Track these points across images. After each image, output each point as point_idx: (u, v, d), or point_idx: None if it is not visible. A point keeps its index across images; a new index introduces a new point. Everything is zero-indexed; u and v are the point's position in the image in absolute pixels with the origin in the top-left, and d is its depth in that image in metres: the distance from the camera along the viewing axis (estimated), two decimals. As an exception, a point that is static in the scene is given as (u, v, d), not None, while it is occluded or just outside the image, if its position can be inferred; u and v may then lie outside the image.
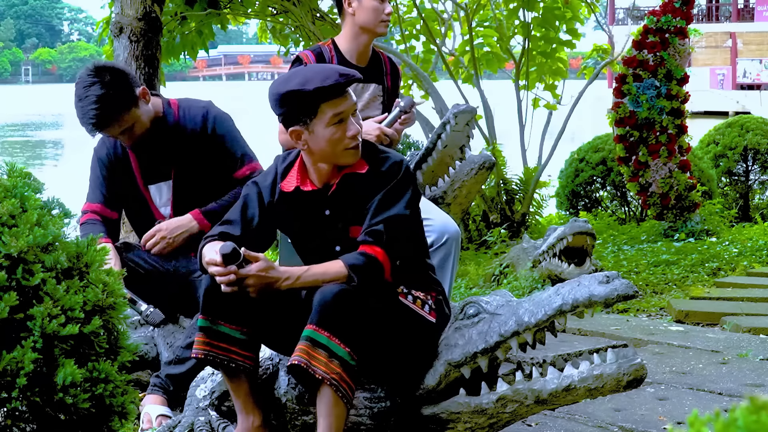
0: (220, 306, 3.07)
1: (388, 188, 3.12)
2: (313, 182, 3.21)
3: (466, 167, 4.94)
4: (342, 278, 3.01)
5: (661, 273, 7.46)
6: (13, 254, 2.40)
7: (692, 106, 10.11)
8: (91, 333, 2.47)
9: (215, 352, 3.10)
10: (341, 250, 3.18)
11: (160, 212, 4.16)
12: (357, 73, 3.13)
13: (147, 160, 4.11)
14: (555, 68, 10.65)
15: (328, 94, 3.06)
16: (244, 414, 3.20)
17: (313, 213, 3.21)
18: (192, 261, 4.13)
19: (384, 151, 3.22)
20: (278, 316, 3.14)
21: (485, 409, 3.06)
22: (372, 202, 3.11)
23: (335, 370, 2.91)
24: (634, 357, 2.91)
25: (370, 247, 3.05)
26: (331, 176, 3.19)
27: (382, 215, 3.08)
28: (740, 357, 4.83)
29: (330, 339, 2.91)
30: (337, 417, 2.95)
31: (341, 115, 3.08)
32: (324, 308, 2.93)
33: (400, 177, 3.14)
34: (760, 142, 11.00)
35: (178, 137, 4.07)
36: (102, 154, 4.17)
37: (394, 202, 3.11)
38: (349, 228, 3.18)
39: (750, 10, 43.08)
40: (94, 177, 4.18)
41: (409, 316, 3.13)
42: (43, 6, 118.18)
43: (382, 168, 3.15)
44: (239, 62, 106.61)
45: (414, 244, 3.23)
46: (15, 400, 2.36)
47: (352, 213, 3.18)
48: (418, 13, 10.43)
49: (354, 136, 3.10)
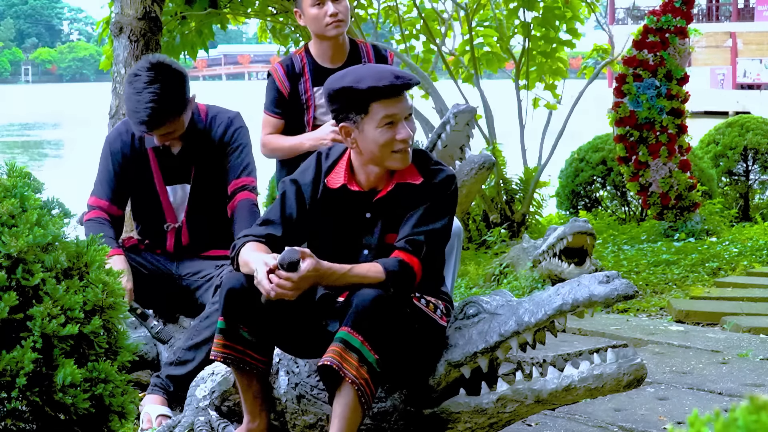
0: (241, 309, 3.05)
1: (436, 201, 3.09)
2: (360, 183, 3.17)
3: (466, 167, 4.94)
4: (379, 282, 2.98)
5: (661, 273, 7.46)
6: (13, 254, 2.40)
7: (692, 106, 10.10)
8: (91, 333, 2.46)
9: (233, 355, 3.08)
10: (369, 253, 3.15)
11: (174, 215, 4.13)
12: (415, 78, 3.11)
13: (168, 161, 4.08)
14: (555, 68, 10.65)
15: (380, 94, 3.02)
16: (250, 415, 3.20)
17: (352, 214, 3.17)
18: (195, 263, 4.12)
19: (437, 163, 3.19)
20: (293, 318, 3.11)
21: (485, 409, 3.06)
22: (416, 211, 3.08)
23: (364, 375, 2.90)
24: (634, 357, 2.91)
25: (408, 256, 3.03)
26: (381, 181, 3.16)
27: (426, 227, 3.06)
28: (740, 357, 4.83)
29: (363, 344, 2.90)
30: (353, 421, 2.94)
31: (392, 117, 3.04)
32: (361, 312, 2.91)
33: (450, 192, 3.12)
34: (760, 142, 11.00)
35: (203, 143, 4.06)
36: (116, 147, 4.10)
37: (439, 216, 3.09)
38: (386, 235, 3.15)
39: (750, 9, 43.08)
40: (104, 170, 4.11)
41: (423, 320, 3.13)
42: (43, 6, 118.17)
43: (435, 180, 3.13)
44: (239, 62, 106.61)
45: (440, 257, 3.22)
46: (15, 400, 2.36)
47: (394, 221, 3.14)
48: (418, 12, 10.43)
49: (404, 140, 3.06)
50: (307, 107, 4.30)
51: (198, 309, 4.03)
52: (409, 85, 3.06)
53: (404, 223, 3.09)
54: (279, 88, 4.31)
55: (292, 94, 4.31)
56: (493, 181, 9.77)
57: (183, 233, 4.13)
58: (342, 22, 4.21)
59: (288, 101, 4.31)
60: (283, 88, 4.30)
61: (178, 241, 4.14)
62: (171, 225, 4.12)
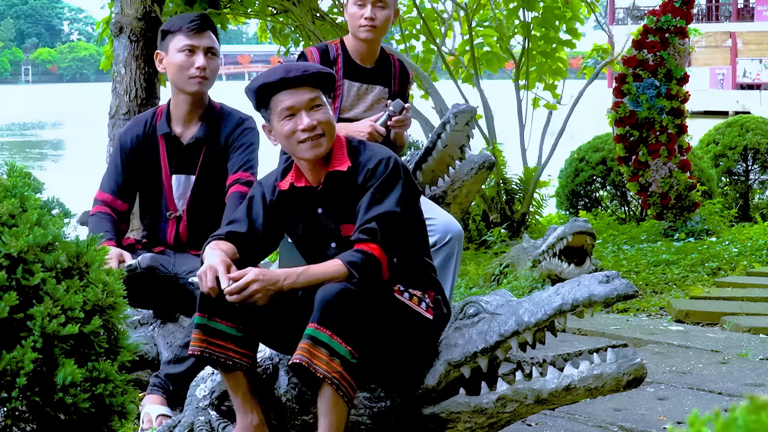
0: (217, 303, 3.08)
1: (376, 185, 3.13)
2: (308, 180, 3.25)
3: (466, 167, 4.94)
4: (341, 276, 3.01)
5: (661, 273, 7.46)
6: (13, 254, 2.40)
7: (692, 106, 10.11)
8: (91, 333, 2.47)
9: (211, 349, 3.10)
10: (336, 247, 3.20)
11: (175, 204, 4.17)
12: (311, 69, 3.17)
13: (177, 150, 4.13)
14: (555, 68, 10.65)
15: (274, 88, 3.15)
16: (243, 413, 3.20)
17: (307, 211, 3.25)
18: (190, 261, 4.13)
19: (371, 149, 3.24)
20: (275, 314, 3.13)
21: (485, 409, 3.06)
22: (362, 200, 3.13)
23: (336, 368, 2.91)
24: (634, 357, 2.91)
25: (366, 245, 3.06)
26: (320, 174, 3.23)
27: (373, 212, 3.09)
28: (740, 357, 4.84)
29: (332, 338, 2.91)
30: (337, 416, 2.94)
31: (291, 109, 3.14)
32: (325, 307, 2.93)
33: (387, 173, 3.14)
34: (760, 142, 11.01)
35: (213, 136, 4.11)
36: (126, 139, 4.17)
37: (383, 199, 3.12)
38: (341, 226, 3.20)
39: (750, 9, 43.08)
40: (112, 165, 4.20)
41: (405, 313, 3.13)
42: (43, 6, 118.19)
43: (368, 165, 3.17)
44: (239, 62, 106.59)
45: (411, 242, 3.23)
46: (15, 400, 2.36)
47: (341, 211, 3.20)
48: (417, 12, 10.43)
49: (306, 129, 3.13)
50: (334, 97, 4.34)
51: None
52: (304, 78, 3.14)
53: (356, 215, 3.14)
54: None
55: None
56: (493, 180, 9.77)
57: (182, 225, 4.15)
58: (375, 28, 4.25)
59: None
60: None
61: (177, 233, 4.16)
62: (172, 213, 4.15)
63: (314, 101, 3.16)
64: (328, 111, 3.20)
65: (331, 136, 3.19)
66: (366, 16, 4.22)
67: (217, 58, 4.12)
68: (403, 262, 3.16)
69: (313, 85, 3.17)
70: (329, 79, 3.23)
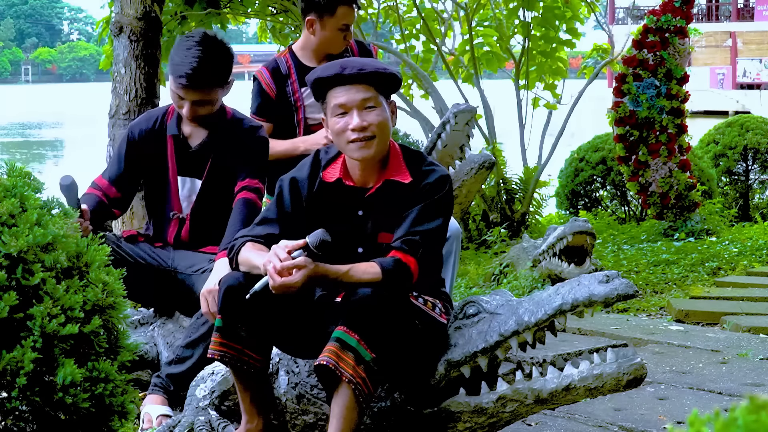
0: (240, 307, 3.04)
1: (431, 201, 3.09)
2: (353, 179, 3.19)
3: (466, 167, 4.94)
4: (376, 281, 2.98)
5: (661, 272, 7.46)
6: (13, 254, 2.40)
7: (692, 106, 10.11)
8: (91, 332, 2.46)
9: (231, 354, 3.08)
10: (363, 252, 3.16)
11: (180, 205, 4.15)
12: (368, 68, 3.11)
13: (184, 153, 4.10)
14: (555, 68, 10.65)
15: (329, 83, 3.10)
16: (248, 415, 3.19)
17: (346, 210, 3.18)
18: (189, 257, 4.12)
19: (431, 164, 3.19)
20: (291, 318, 3.11)
21: (485, 409, 3.06)
22: (412, 211, 3.08)
23: (360, 374, 2.90)
24: (634, 356, 2.91)
25: (405, 256, 3.02)
26: (371, 177, 3.17)
27: (421, 227, 3.06)
28: (740, 356, 4.83)
29: (360, 343, 2.90)
30: (351, 420, 2.94)
31: (342, 106, 3.09)
32: (358, 311, 2.91)
33: (444, 192, 3.12)
34: (760, 142, 11.00)
35: (223, 142, 4.07)
36: (135, 132, 4.15)
37: (434, 216, 3.09)
38: (378, 233, 3.16)
39: (750, 9, 43.08)
40: (116, 153, 4.20)
41: (421, 318, 3.12)
42: (43, 5, 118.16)
43: (427, 180, 3.13)
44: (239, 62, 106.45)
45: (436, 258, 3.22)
46: (15, 400, 2.36)
47: (385, 219, 3.15)
48: (417, 12, 10.43)
49: (356, 128, 3.07)
50: (296, 108, 4.37)
51: (195, 304, 4.03)
52: (359, 76, 3.09)
53: (400, 224, 3.09)
54: (266, 91, 4.38)
55: (280, 96, 4.38)
56: (493, 180, 9.77)
57: (185, 227, 4.14)
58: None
59: (276, 103, 4.39)
60: (270, 91, 4.38)
61: (179, 233, 4.15)
62: (177, 214, 4.14)
63: (368, 101, 3.10)
64: (384, 113, 3.12)
65: (383, 139, 3.11)
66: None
67: (212, 101, 3.95)
68: (423, 275, 3.13)
69: (370, 83, 3.11)
70: (389, 80, 3.15)
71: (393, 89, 3.20)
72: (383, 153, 3.14)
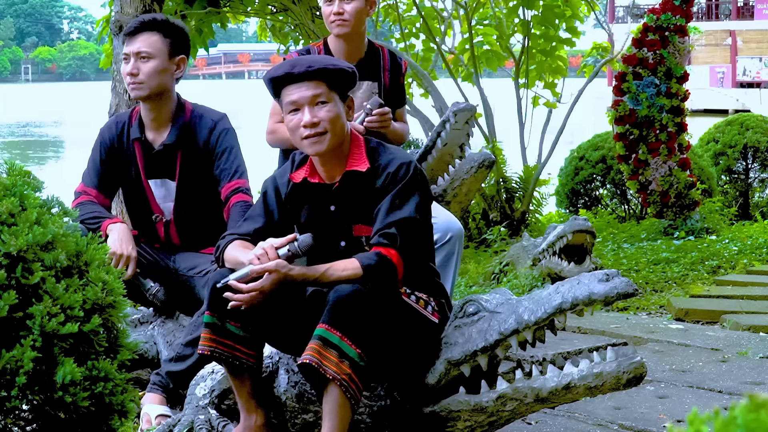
0: (226, 303, 3.06)
1: (397, 190, 3.11)
2: (321, 176, 3.23)
3: (465, 165, 4.94)
4: (356, 277, 2.99)
5: (660, 271, 7.46)
6: (13, 253, 2.40)
7: (692, 104, 10.12)
8: (91, 331, 2.47)
9: (221, 349, 3.10)
10: (345, 246, 3.18)
11: (159, 206, 4.15)
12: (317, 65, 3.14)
13: (150, 155, 4.09)
14: (555, 66, 10.64)
15: (280, 82, 3.15)
16: (246, 413, 3.20)
17: (319, 207, 3.23)
18: (191, 258, 4.13)
19: (391, 151, 3.21)
20: (282, 314, 3.13)
21: (485, 408, 3.06)
22: (382, 203, 3.10)
23: (345, 371, 2.90)
24: (634, 355, 2.91)
25: (385, 249, 3.04)
26: (336, 172, 3.21)
27: (395, 217, 3.07)
28: (740, 355, 4.83)
29: (342, 339, 2.91)
30: (342, 417, 2.94)
31: (294, 104, 3.13)
32: (337, 308, 2.92)
33: (408, 179, 3.13)
34: (760, 140, 11.00)
35: (186, 141, 4.06)
36: (106, 137, 4.16)
37: (404, 203, 3.10)
38: (353, 226, 3.19)
39: (750, 8, 43.08)
40: (93, 160, 4.17)
41: (412, 316, 3.13)
42: (42, 4, 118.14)
43: (388, 169, 3.14)
44: (239, 60, 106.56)
45: (422, 246, 3.22)
46: (15, 399, 2.36)
47: (355, 211, 3.18)
48: (417, 11, 10.42)
49: (307, 125, 3.11)
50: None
51: (197, 304, 4.03)
52: (308, 74, 3.12)
53: (375, 218, 3.11)
54: None
55: None
56: (493, 179, 9.76)
57: (172, 229, 4.15)
58: (346, 21, 4.21)
59: None
60: None
61: (167, 235, 4.16)
62: (159, 216, 4.14)
63: (318, 97, 3.13)
64: (335, 108, 3.15)
65: (335, 133, 3.14)
66: (334, 12, 4.21)
67: (154, 60, 3.99)
68: (411, 266, 3.14)
69: (321, 80, 3.14)
70: (339, 75, 3.17)
71: (347, 84, 3.22)
72: (338, 147, 3.17)
